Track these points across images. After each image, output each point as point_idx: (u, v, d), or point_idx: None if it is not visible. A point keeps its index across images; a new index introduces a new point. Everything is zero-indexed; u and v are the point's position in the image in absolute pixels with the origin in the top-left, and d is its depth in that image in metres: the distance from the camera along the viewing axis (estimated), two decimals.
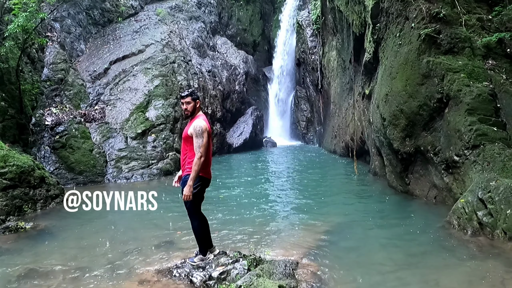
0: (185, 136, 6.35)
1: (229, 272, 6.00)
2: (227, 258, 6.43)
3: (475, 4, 11.57)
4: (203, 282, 6.00)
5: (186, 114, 6.46)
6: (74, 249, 8.00)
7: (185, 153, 6.42)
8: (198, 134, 6.18)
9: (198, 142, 6.16)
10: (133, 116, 16.45)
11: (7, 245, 8.34)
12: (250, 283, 5.56)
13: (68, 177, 14.34)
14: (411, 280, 6.64)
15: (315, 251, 7.77)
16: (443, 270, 6.91)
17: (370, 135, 14.51)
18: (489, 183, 8.63)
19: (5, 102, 13.53)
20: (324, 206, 11.15)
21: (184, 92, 6.49)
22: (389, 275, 6.84)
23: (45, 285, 6.53)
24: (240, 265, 6.10)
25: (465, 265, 7.03)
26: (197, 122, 6.29)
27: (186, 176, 6.29)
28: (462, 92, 10.20)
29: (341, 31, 18.54)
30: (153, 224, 9.55)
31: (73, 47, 19.11)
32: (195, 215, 6.47)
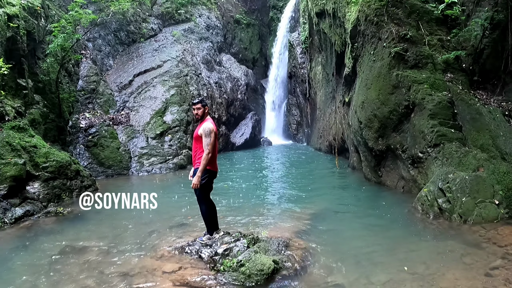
0: (196, 136, 6.40)
1: (232, 249, 6.01)
2: (230, 237, 6.43)
3: (436, 27, 11.60)
4: (210, 257, 6.02)
5: (196, 118, 6.52)
6: (103, 231, 8.02)
7: (195, 150, 6.47)
8: (207, 134, 6.22)
9: (206, 141, 6.20)
10: (153, 120, 16.43)
11: (48, 226, 8.39)
12: (249, 258, 5.57)
13: (99, 171, 14.32)
14: (382, 254, 6.72)
15: (303, 232, 7.80)
16: (410, 247, 6.96)
17: (349, 135, 14.49)
18: (447, 175, 8.75)
19: (47, 108, 13.51)
20: (310, 195, 11.12)
21: (195, 100, 6.60)
22: (363, 249, 6.92)
23: (82, 258, 6.59)
24: (240, 243, 6.10)
25: (429, 243, 7.09)
26: (206, 124, 6.34)
27: (196, 169, 6.33)
28: (425, 100, 10.25)
29: (325, 50, 18.52)
30: (169, 211, 9.52)
31: (103, 62, 19.09)
32: (203, 201, 6.50)
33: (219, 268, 5.72)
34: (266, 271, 5.45)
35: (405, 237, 7.46)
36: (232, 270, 5.53)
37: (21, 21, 12.54)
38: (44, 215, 8.91)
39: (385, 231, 7.91)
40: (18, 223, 8.39)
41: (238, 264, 5.52)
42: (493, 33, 10.92)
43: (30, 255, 6.82)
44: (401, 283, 5.56)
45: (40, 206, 9.18)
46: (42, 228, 8.20)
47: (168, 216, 8.96)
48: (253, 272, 5.42)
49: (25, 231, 8.02)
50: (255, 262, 5.48)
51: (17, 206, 8.69)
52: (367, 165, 12.13)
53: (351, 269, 6.11)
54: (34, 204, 9.06)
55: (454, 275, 5.67)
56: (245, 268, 5.46)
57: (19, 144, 9.67)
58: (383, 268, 6.06)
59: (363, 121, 11.50)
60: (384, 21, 11.65)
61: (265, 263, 5.51)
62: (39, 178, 9.68)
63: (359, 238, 7.61)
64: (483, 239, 6.98)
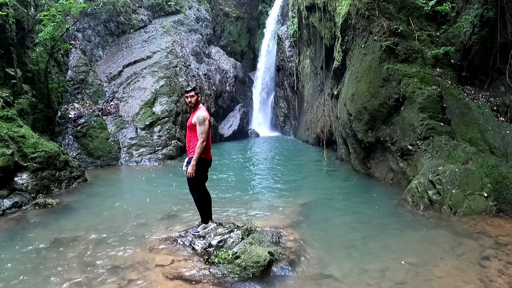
0: (190, 125, 6.06)
1: (226, 240, 5.71)
2: (223, 228, 6.13)
3: (426, 22, 11.46)
4: (203, 249, 5.72)
5: (190, 106, 6.14)
6: (93, 222, 7.62)
7: (189, 140, 6.15)
8: (201, 122, 5.91)
9: (200, 129, 5.89)
10: (142, 111, 15.98)
11: (37, 218, 7.94)
12: (244, 250, 5.31)
13: (88, 161, 13.86)
14: (374, 244, 6.57)
15: (295, 223, 7.58)
16: (401, 237, 6.85)
17: (337, 128, 14.31)
18: (437, 168, 8.67)
19: (36, 98, 12.98)
20: (300, 186, 10.90)
21: (188, 87, 6.22)
22: (355, 240, 6.78)
23: (71, 251, 6.23)
24: (235, 235, 5.82)
25: (420, 234, 6.96)
26: (200, 112, 6.02)
27: (190, 158, 6.03)
28: (415, 93, 10.11)
29: (314, 43, 18.26)
30: (158, 202, 9.17)
31: (93, 53, 18.49)
32: (196, 191, 6.18)
33: (214, 260, 5.43)
34: (262, 263, 5.20)
35: (396, 228, 7.34)
36: (227, 262, 5.26)
37: (10, 9, 11.98)
38: (33, 206, 8.46)
39: (376, 222, 7.77)
40: (6, 215, 7.96)
41: (234, 256, 5.25)
42: (482, 30, 10.81)
43: (18, 248, 6.42)
44: (395, 273, 5.46)
45: (29, 197, 8.74)
46: (31, 220, 7.77)
47: (157, 207, 8.60)
48: (249, 264, 5.16)
49: (13, 223, 7.59)
50: (250, 254, 5.22)
51: (5, 198, 8.24)
52: (355, 157, 11.96)
53: (344, 260, 5.98)
54: (23, 196, 8.62)
55: (447, 265, 5.60)
56: (240, 260, 5.20)
57: (7, 134, 9.18)
58: (376, 258, 5.95)
59: (353, 114, 11.30)
60: (375, 15, 11.45)
61: (261, 255, 5.26)
62: (27, 169, 9.21)
63: (351, 229, 7.44)
64: (474, 230, 6.96)
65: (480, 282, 5.17)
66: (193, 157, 5.88)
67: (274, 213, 8.20)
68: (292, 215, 8.06)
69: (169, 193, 10.05)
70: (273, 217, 7.87)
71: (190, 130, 6.07)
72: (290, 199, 9.35)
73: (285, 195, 9.81)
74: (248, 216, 7.76)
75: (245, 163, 14.78)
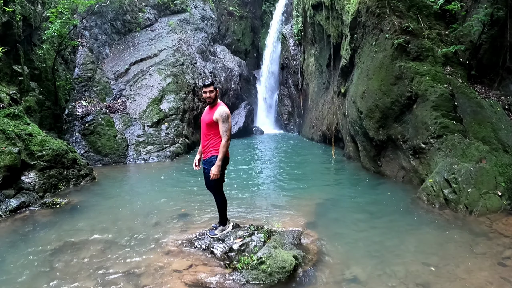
0: (209, 122, 5.45)
1: (248, 244, 5.20)
2: (243, 231, 5.60)
3: (434, 21, 11.00)
4: (224, 253, 5.19)
5: (208, 101, 5.53)
6: (103, 223, 7.08)
7: (208, 137, 5.53)
8: (225, 119, 5.35)
9: (224, 126, 5.34)
10: (150, 108, 15.42)
11: (45, 218, 7.40)
12: (269, 254, 4.79)
13: (95, 159, 13.32)
14: (392, 244, 6.20)
15: (312, 223, 7.11)
16: (418, 236, 6.50)
17: (344, 125, 13.80)
18: (452, 166, 8.31)
19: (43, 96, 12.42)
20: (310, 184, 10.38)
21: (206, 81, 5.54)
22: (373, 239, 6.40)
23: (81, 255, 5.69)
24: (257, 238, 5.29)
25: (437, 234, 6.61)
26: (222, 108, 5.45)
27: (211, 157, 5.46)
28: (428, 91, 9.66)
29: (319, 42, 17.71)
30: (169, 201, 8.60)
31: (100, 51, 17.92)
32: (219, 192, 5.64)
33: (236, 265, 4.91)
34: (288, 268, 4.71)
35: (413, 227, 6.97)
36: (251, 268, 4.74)
37: (17, 6, 11.42)
38: (40, 206, 7.91)
39: (391, 221, 7.37)
40: (13, 215, 7.42)
41: (258, 261, 4.74)
42: (492, 29, 10.47)
43: (25, 251, 5.91)
44: (418, 274, 5.13)
45: (36, 196, 8.20)
46: (38, 221, 7.24)
47: (168, 206, 8.09)
48: (274, 269, 4.66)
49: (20, 224, 7.06)
50: (276, 258, 4.71)
51: (12, 198, 7.70)
52: (365, 155, 11.46)
53: (365, 261, 5.59)
54: (30, 195, 8.07)
55: (468, 266, 5.36)
56: (265, 266, 4.68)
57: (14, 132, 8.64)
58: (396, 259, 5.61)
59: (364, 111, 10.79)
60: (386, 13, 10.95)
61: (286, 259, 4.76)
62: (34, 167, 8.67)
63: (367, 228, 7.02)
64: (490, 229, 6.67)
65: (505, 281, 4.91)
66: (218, 157, 5.33)
67: (289, 212, 7.70)
68: (307, 215, 7.58)
69: (178, 191, 9.55)
70: (288, 217, 7.37)
71: (209, 127, 5.49)
72: (303, 198, 8.86)
73: (297, 194, 9.29)
74: (263, 216, 7.26)
75: (252, 160, 14.26)
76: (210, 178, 5.36)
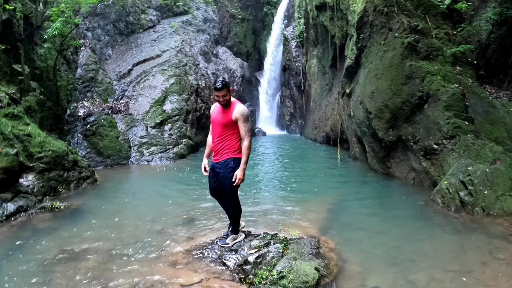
0: (227, 122, 4.77)
1: (264, 255, 4.54)
2: (258, 240, 4.93)
3: (442, 21, 10.48)
4: (238, 266, 4.53)
5: (223, 104, 4.78)
6: (105, 229, 6.42)
7: (223, 139, 4.86)
8: (246, 118, 4.73)
9: (246, 126, 4.73)
10: (152, 109, 14.77)
11: (43, 224, 6.75)
12: (290, 268, 4.16)
13: (97, 160, 12.66)
14: (410, 249, 5.65)
15: (326, 229, 6.49)
16: (436, 241, 5.97)
17: (349, 126, 13.20)
18: (467, 168, 7.77)
19: (44, 96, 11.78)
20: (319, 187, 9.74)
21: (218, 84, 4.69)
22: (390, 245, 5.86)
23: (81, 265, 5.04)
24: (274, 248, 4.64)
25: (455, 237, 6.12)
26: (242, 106, 4.82)
27: (228, 160, 4.82)
28: (439, 91, 9.10)
29: (322, 43, 17.12)
30: (173, 205, 7.93)
31: (102, 52, 17.27)
32: (235, 198, 5.00)
33: (252, 280, 4.26)
34: (311, 283, 4.11)
35: (429, 231, 6.42)
36: (270, 283, 4.11)
37: (18, 4, 10.82)
38: (39, 210, 7.24)
39: (407, 225, 6.81)
40: (10, 221, 6.74)
41: (279, 275, 4.10)
42: (500, 29, 10.01)
43: (22, 260, 5.28)
44: (442, 283, 4.63)
45: (35, 200, 7.53)
46: (36, 227, 6.59)
47: (173, 212, 7.42)
48: (296, 285, 4.05)
49: (17, 230, 6.40)
50: (297, 272, 4.08)
51: (9, 201, 7.01)
52: (373, 156, 10.85)
53: (385, 269, 5.07)
54: (28, 199, 7.40)
55: (494, 271, 4.90)
56: (287, 281, 4.06)
57: (12, 133, 7.97)
58: (416, 266, 5.11)
59: (373, 112, 10.19)
60: (394, 11, 10.40)
61: (309, 272, 4.15)
62: (33, 169, 7.99)
63: (382, 233, 6.46)
64: (509, 232, 6.18)
65: None
66: (243, 160, 4.73)
67: (300, 217, 7.08)
68: (319, 220, 6.98)
69: (183, 195, 8.88)
70: (300, 222, 6.74)
71: (225, 127, 4.82)
72: (313, 201, 8.25)
73: (306, 197, 8.67)
74: (275, 222, 6.63)
75: (257, 162, 13.60)
76: (233, 183, 4.72)
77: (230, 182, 4.73)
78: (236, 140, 4.84)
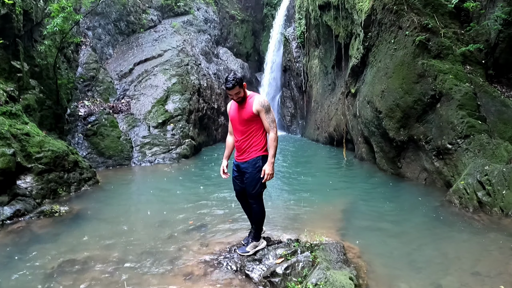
0: (249, 117, 4.21)
1: (294, 266, 3.92)
2: (284, 248, 4.31)
3: (449, 20, 10.00)
4: (264, 278, 3.90)
5: (238, 101, 4.26)
6: (108, 236, 5.79)
7: (248, 137, 4.29)
8: (267, 109, 4.18)
9: (270, 117, 4.19)
10: (155, 108, 14.12)
11: (42, 230, 6.09)
12: (326, 279, 3.55)
13: (99, 161, 11.99)
14: (434, 253, 5.20)
15: (346, 233, 5.97)
16: (458, 243, 5.55)
17: (355, 126, 12.65)
18: (484, 167, 7.29)
19: (43, 94, 11.08)
20: (329, 188, 9.17)
21: (228, 84, 4.13)
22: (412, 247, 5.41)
23: (84, 277, 4.42)
24: (303, 257, 4.03)
25: (477, 238, 5.69)
26: (260, 97, 4.27)
27: (256, 158, 4.27)
28: (453, 90, 8.60)
29: (324, 43, 16.56)
30: (181, 208, 7.29)
31: (103, 51, 16.58)
32: (261, 200, 4.43)
33: None
34: None
35: (448, 233, 5.98)
36: None
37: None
38: (38, 215, 6.58)
39: (425, 226, 6.35)
40: (6, 226, 6.09)
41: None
42: (509, 28, 9.48)
43: (20, 271, 4.66)
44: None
45: (33, 203, 6.85)
46: (35, 233, 5.93)
47: (181, 215, 6.78)
48: None
49: (14, 237, 5.73)
50: (334, 284, 3.47)
51: (6, 205, 6.35)
52: (382, 156, 10.32)
53: (412, 275, 4.60)
54: (26, 202, 6.72)
55: None
56: None
57: (9, 132, 7.30)
58: (444, 270, 4.68)
59: (383, 111, 9.65)
60: (404, 10, 9.89)
61: (345, 284, 3.56)
62: (31, 170, 7.32)
63: (401, 235, 5.99)
64: None
65: None
66: (270, 153, 4.16)
67: (316, 221, 6.51)
68: (336, 223, 6.43)
69: (190, 197, 8.25)
70: (317, 226, 6.15)
71: (248, 123, 4.25)
72: (325, 204, 7.66)
73: (318, 199, 8.06)
74: (291, 226, 6.06)
75: None
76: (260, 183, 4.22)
77: (257, 183, 4.20)
78: (263, 135, 4.30)
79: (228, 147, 4.69)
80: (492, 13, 9.82)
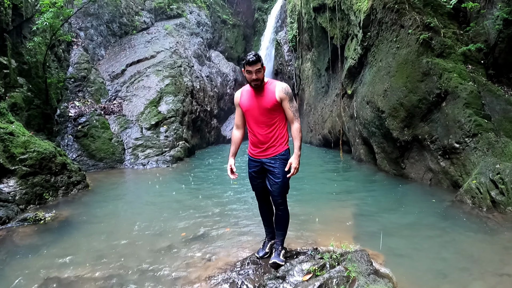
0: (272, 105, 3.44)
1: (327, 283, 3.11)
2: (310, 262, 3.48)
3: (448, 20, 9.47)
4: None
5: (256, 85, 3.43)
6: (99, 247, 4.87)
7: (273, 129, 3.52)
8: (291, 97, 3.46)
9: (294, 105, 3.47)
10: (147, 110, 13.18)
11: (24, 240, 5.12)
12: None
13: (89, 164, 10.99)
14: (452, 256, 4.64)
15: (362, 239, 5.18)
16: (478, 244, 5.01)
17: (352, 128, 11.97)
18: (495, 166, 6.67)
19: (32, 93, 10.10)
20: (333, 191, 8.39)
21: (251, 57, 3.32)
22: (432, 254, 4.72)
23: None
24: (337, 273, 3.22)
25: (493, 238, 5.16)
26: (283, 84, 3.51)
27: (285, 152, 3.55)
28: (458, 88, 7.99)
29: (317, 46, 15.90)
30: (176, 214, 6.43)
31: (95, 52, 15.57)
32: (285, 200, 3.66)
33: None
34: None
35: (465, 234, 5.38)
36: None
37: None
38: (21, 223, 5.61)
39: (439, 228, 5.68)
40: None
41: None
42: (508, 28, 9.00)
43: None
44: None
45: (17, 210, 5.89)
46: (16, 245, 4.95)
47: (178, 223, 5.90)
48: None
49: None
50: None
51: None
52: (384, 157, 9.64)
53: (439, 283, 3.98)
54: (8, 208, 5.75)
55: None
56: None
57: None
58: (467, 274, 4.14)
59: (386, 110, 8.98)
60: (405, 8, 9.30)
61: None
62: (15, 173, 6.35)
63: (417, 240, 5.29)
64: None
65: None
66: (296, 145, 3.45)
67: (328, 226, 5.73)
68: (350, 229, 5.68)
69: (186, 202, 7.32)
70: (331, 232, 5.37)
71: (271, 113, 3.47)
72: (332, 208, 6.90)
73: (324, 203, 7.28)
74: (304, 233, 5.26)
75: None
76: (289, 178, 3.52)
77: (287, 180, 3.48)
78: (286, 127, 3.60)
79: (235, 143, 3.89)
80: (490, 14, 9.37)
